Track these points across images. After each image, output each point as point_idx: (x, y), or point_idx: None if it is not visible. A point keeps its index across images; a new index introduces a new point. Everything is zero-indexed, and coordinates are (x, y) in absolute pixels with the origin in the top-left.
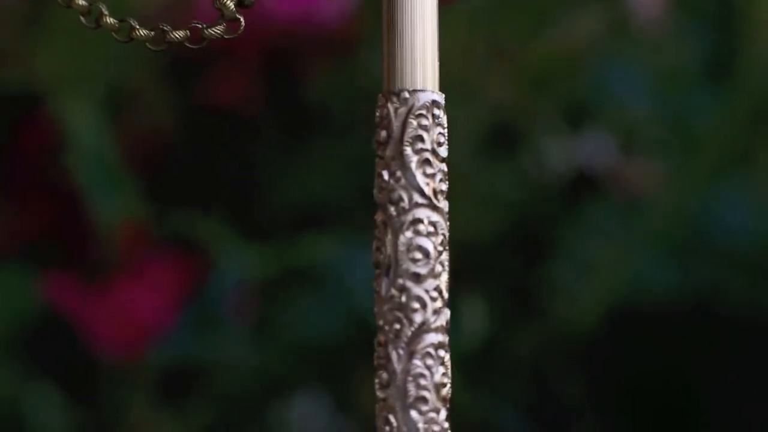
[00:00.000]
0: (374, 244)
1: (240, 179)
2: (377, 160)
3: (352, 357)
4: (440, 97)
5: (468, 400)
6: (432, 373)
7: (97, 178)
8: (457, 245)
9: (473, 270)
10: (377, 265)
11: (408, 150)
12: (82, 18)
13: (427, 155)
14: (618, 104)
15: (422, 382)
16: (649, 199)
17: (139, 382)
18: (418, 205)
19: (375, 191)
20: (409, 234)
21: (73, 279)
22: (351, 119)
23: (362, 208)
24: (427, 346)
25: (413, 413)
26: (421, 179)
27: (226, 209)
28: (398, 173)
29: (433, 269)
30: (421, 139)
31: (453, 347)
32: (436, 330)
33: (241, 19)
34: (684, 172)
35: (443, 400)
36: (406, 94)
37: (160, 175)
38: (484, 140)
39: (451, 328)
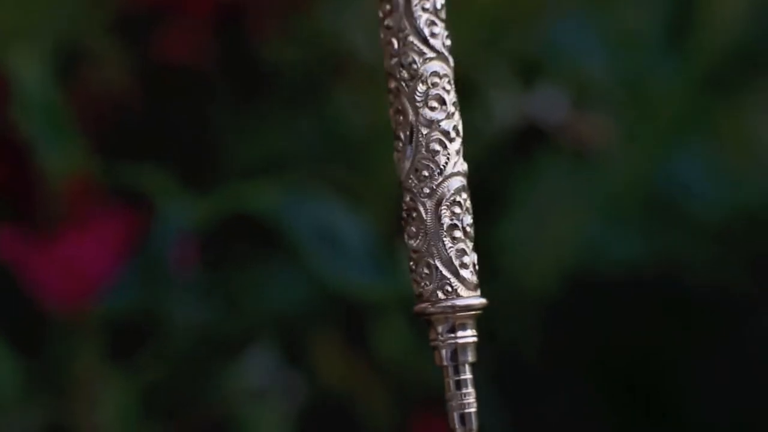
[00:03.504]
0: (391, 114)
1: (191, 135)
2: (384, 30)
3: (299, 307)
4: None
5: (422, 361)
6: (461, 215)
7: (45, 131)
8: (399, 198)
9: None
10: (396, 131)
11: (417, 12)
12: None
13: (431, 17)
14: (572, 61)
15: (454, 220)
16: (604, 157)
17: (86, 335)
18: (429, 59)
19: (385, 62)
20: (422, 87)
21: (19, 231)
22: (304, 76)
23: (314, 163)
24: (456, 188)
25: (446, 240)
26: (429, 37)
27: (176, 164)
28: (409, 37)
29: (448, 113)
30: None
31: (400, 301)
32: (459, 174)
33: None
34: (640, 131)
35: (470, 238)
36: None
37: (110, 129)
38: None
39: (397, 281)
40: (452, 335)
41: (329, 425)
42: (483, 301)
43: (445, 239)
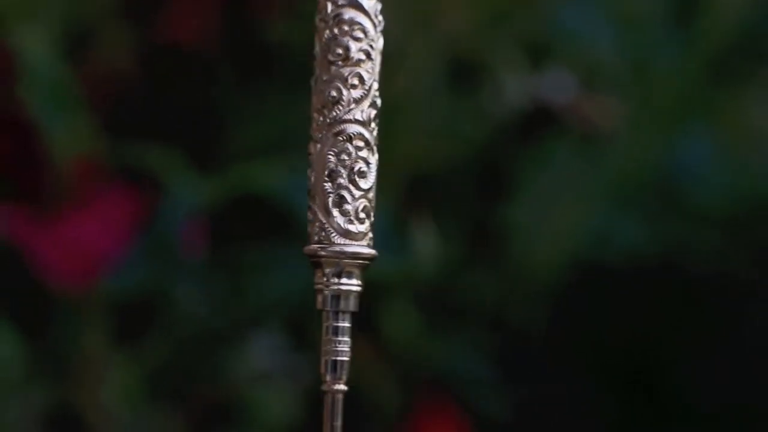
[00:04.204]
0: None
1: (197, 115)
2: None
3: (306, 290)
4: None
5: (429, 345)
6: (349, 161)
7: (52, 111)
8: (410, 178)
9: (428, 205)
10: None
11: None
12: None
13: None
14: (580, 43)
15: (339, 166)
16: (611, 141)
17: (92, 315)
18: (341, 6)
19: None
20: (328, 33)
21: (26, 211)
22: (310, 56)
23: None
24: (347, 135)
25: (326, 185)
26: None
27: (182, 144)
28: None
29: (351, 60)
30: None
31: (408, 280)
32: (355, 122)
33: None
34: (646, 115)
35: (358, 187)
36: None
37: (117, 109)
38: (442, 72)
39: (404, 257)
40: (337, 281)
41: None
42: (373, 252)
43: (325, 184)
